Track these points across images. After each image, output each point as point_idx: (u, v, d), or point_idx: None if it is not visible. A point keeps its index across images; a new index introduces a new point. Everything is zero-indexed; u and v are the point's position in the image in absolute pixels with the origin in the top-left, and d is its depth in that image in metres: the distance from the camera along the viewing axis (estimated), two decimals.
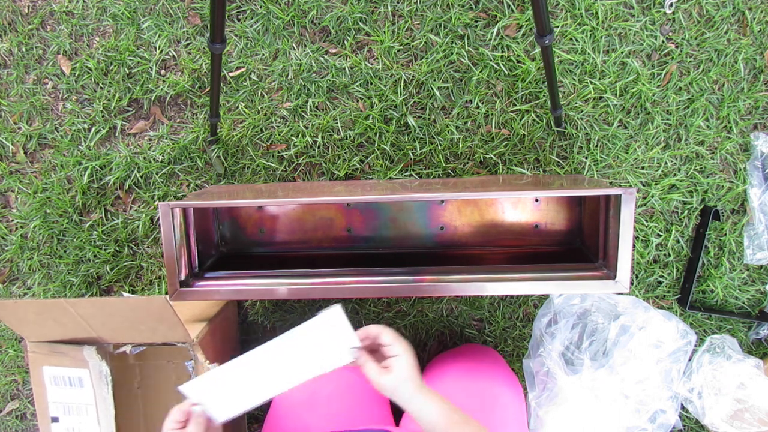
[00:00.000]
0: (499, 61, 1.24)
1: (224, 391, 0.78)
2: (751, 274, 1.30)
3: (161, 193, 1.34)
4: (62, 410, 1.09)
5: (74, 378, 1.09)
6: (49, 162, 1.37)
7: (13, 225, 1.40)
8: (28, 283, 1.41)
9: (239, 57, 1.29)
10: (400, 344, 0.75)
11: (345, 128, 1.29)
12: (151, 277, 1.39)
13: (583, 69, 1.24)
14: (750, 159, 1.26)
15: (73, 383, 1.09)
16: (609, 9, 1.22)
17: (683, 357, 1.22)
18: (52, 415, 1.10)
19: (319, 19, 1.27)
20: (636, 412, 1.18)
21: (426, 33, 1.25)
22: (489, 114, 1.27)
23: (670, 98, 1.25)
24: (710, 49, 1.23)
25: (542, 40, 0.92)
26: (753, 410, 1.21)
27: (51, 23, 1.34)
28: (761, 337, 1.32)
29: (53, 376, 1.08)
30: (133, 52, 1.31)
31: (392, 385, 0.72)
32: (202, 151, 1.33)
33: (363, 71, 1.27)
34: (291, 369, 0.78)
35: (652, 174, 1.27)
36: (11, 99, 1.36)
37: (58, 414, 1.10)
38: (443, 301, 1.35)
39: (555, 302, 1.25)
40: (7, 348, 1.46)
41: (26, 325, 1.05)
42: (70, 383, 1.09)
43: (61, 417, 1.10)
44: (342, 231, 1.25)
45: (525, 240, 1.23)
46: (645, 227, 1.28)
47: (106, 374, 1.13)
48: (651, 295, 1.31)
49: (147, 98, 1.33)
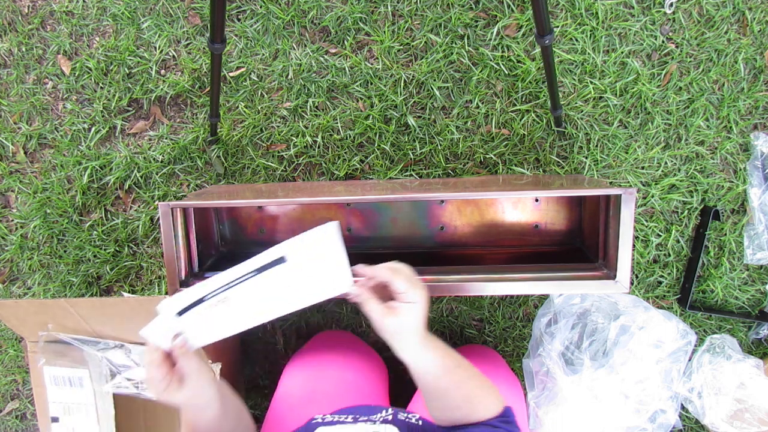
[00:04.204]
0: (499, 61, 1.24)
1: (202, 313, 0.68)
2: (751, 274, 1.30)
3: (161, 193, 1.34)
4: (62, 410, 1.09)
5: (74, 378, 1.09)
6: (49, 162, 1.37)
7: (13, 225, 1.40)
8: (28, 283, 1.41)
9: (239, 57, 1.29)
10: (415, 292, 0.63)
11: (345, 128, 1.29)
12: (151, 277, 1.39)
13: (583, 69, 1.24)
14: (750, 159, 1.26)
15: (73, 383, 1.09)
16: (609, 9, 1.22)
17: (683, 357, 1.22)
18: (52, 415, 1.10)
19: (319, 19, 1.27)
20: (636, 412, 1.18)
21: (426, 33, 1.25)
22: (489, 114, 1.27)
23: (670, 98, 1.25)
24: (710, 49, 1.23)
25: (542, 40, 0.92)
26: (753, 410, 1.21)
27: (51, 23, 1.34)
28: (761, 337, 1.32)
29: (53, 376, 1.08)
30: (133, 52, 1.31)
31: (394, 330, 0.64)
32: (202, 151, 1.33)
33: (363, 71, 1.27)
34: (277, 293, 0.67)
35: (652, 174, 1.27)
36: (11, 99, 1.36)
37: (58, 414, 1.10)
38: (443, 301, 1.35)
39: (555, 302, 1.25)
40: (7, 348, 1.46)
41: (26, 325, 1.05)
42: (70, 383, 1.09)
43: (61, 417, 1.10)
44: (342, 231, 1.25)
45: (525, 240, 1.23)
46: (645, 227, 1.28)
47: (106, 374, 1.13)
48: (651, 295, 1.31)
49: (147, 98, 1.33)
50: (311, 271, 0.66)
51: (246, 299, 0.67)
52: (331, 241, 0.66)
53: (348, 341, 1.16)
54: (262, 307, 0.68)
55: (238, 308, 0.68)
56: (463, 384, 0.68)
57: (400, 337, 0.64)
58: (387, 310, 0.63)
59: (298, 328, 1.38)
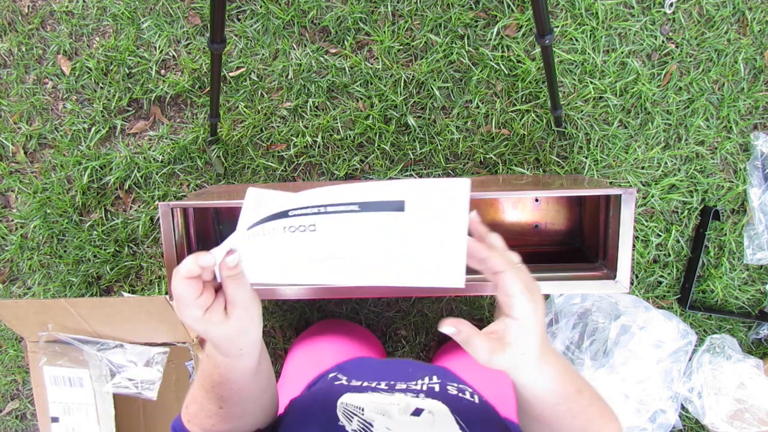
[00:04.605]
0: (499, 61, 1.24)
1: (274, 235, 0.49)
2: (751, 274, 1.30)
3: (161, 193, 1.34)
4: (62, 410, 1.09)
5: (74, 378, 1.09)
6: (49, 162, 1.37)
7: (13, 225, 1.40)
8: (28, 283, 1.41)
9: (239, 57, 1.29)
10: (525, 300, 0.46)
11: (345, 128, 1.29)
12: (151, 277, 1.39)
13: (583, 69, 1.24)
14: (750, 159, 1.26)
15: (73, 383, 1.09)
16: (609, 9, 1.22)
17: (683, 357, 1.22)
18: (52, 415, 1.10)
19: (319, 19, 1.27)
20: (636, 412, 1.18)
21: (426, 33, 1.25)
22: (489, 114, 1.27)
23: (670, 98, 1.25)
24: (710, 49, 1.23)
25: (542, 40, 0.92)
26: (753, 410, 1.21)
27: (51, 23, 1.34)
28: (761, 337, 1.31)
29: (53, 376, 1.08)
30: (133, 52, 1.31)
31: (507, 367, 0.48)
32: (202, 151, 1.33)
33: (363, 71, 1.27)
34: (373, 246, 0.47)
35: (652, 174, 1.27)
36: (11, 99, 1.36)
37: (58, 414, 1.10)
38: (443, 301, 1.35)
39: (555, 302, 1.25)
40: (7, 348, 1.46)
41: (26, 325, 1.05)
42: (70, 383, 1.09)
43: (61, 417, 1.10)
44: None
45: (525, 240, 1.22)
46: (645, 227, 1.28)
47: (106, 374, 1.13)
48: (651, 295, 1.31)
49: (147, 98, 1.33)
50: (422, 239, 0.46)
51: (334, 237, 0.48)
52: (459, 207, 0.45)
53: (348, 326, 1.16)
54: (348, 256, 0.48)
55: (319, 245, 0.48)
56: (581, 413, 0.53)
57: (516, 367, 0.49)
58: (495, 344, 0.47)
59: (297, 328, 1.38)
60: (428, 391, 0.63)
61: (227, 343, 0.50)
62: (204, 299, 0.47)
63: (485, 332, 0.48)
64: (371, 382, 0.66)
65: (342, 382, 0.66)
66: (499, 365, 0.47)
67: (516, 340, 0.46)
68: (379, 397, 0.60)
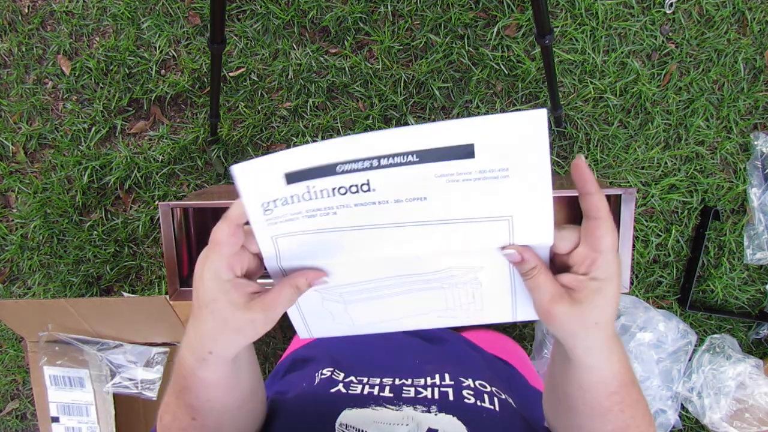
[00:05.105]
0: (499, 61, 1.24)
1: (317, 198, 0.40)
2: (751, 274, 1.30)
3: (161, 193, 1.34)
4: (62, 410, 1.09)
5: (74, 378, 1.09)
6: (49, 162, 1.37)
7: (13, 225, 1.40)
8: (28, 283, 1.41)
9: (239, 57, 1.29)
10: (611, 259, 0.38)
11: (345, 128, 1.29)
12: (151, 277, 1.39)
13: (583, 69, 1.24)
14: (750, 159, 1.26)
15: (73, 383, 1.09)
16: (609, 9, 1.22)
17: (683, 357, 1.22)
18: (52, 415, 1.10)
19: (319, 19, 1.27)
20: None
21: (426, 33, 1.25)
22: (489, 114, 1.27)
23: (670, 98, 1.25)
24: (710, 49, 1.23)
25: (542, 40, 0.92)
26: (753, 410, 1.21)
27: (51, 23, 1.34)
28: (761, 337, 1.32)
29: (53, 376, 1.08)
30: (133, 52, 1.31)
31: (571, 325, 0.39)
32: (202, 151, 1.33)
33: (363, 71, 1.27)
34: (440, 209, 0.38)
35: (652, 174, 1.27)
36: (11, 99, 1.36)
37: (58, 414, 1.10)
38: None
39: None
40: (7, 348, 1.46)
41: (26, 325, 1.05)
42: (70, 383, 1.09)
43: (61, 417, 1.10)
44: None
45: None
46: (645, 227, 1.28)
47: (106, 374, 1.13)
48: (651, 295, 1.31)
49: (147, 98, 1.33)
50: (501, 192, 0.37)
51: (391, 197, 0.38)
52: (539, 146, 0.36)
53: None
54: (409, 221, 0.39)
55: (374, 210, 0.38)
56: (629, 408, 0.45)
57: (578, 335, 0.40)
58: (563, 291, 0.39)
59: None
60: (441, 401, 0.56)
61: (213, 332, 0.42)
62: (240, 261, 0.41)
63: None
64: (373, 381, 0.59)
65: (339, 388, 0.59)
66: (560, 316, 0.39)
67: (590, 302, 0.38)
68: (385, 414, 0.53)
